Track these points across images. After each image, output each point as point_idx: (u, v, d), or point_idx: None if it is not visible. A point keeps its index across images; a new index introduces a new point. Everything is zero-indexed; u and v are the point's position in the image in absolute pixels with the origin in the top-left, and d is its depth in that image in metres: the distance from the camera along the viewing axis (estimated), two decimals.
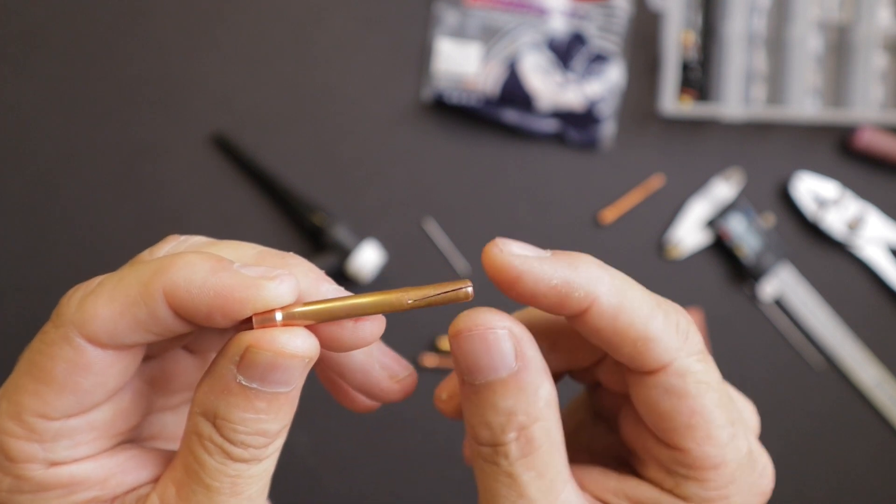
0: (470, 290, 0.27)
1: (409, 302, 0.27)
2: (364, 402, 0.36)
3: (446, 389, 0.34)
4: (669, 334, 0.28)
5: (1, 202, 0.80)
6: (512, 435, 0.28)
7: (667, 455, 0.30)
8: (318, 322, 0.27)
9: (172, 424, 0.35)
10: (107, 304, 0.26)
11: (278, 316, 0.26)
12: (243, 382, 0.27)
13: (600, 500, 0.31)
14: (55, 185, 0.80)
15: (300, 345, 0.27)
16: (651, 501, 0.30)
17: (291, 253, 0.29)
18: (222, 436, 0.27)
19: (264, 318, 0.26)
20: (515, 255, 0.28)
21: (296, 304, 0.27)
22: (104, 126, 0.81)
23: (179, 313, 0.26)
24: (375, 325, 0.28)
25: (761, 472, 0.31)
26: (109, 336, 0.26)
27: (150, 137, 0.81)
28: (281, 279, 0.26)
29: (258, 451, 0.28)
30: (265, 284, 0.26)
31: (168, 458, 0.30)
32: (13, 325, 0.79)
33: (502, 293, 0.28)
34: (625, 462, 0.33)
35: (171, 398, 0.34)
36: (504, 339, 0.28)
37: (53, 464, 0.28)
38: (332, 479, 0.79)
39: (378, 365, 0.33)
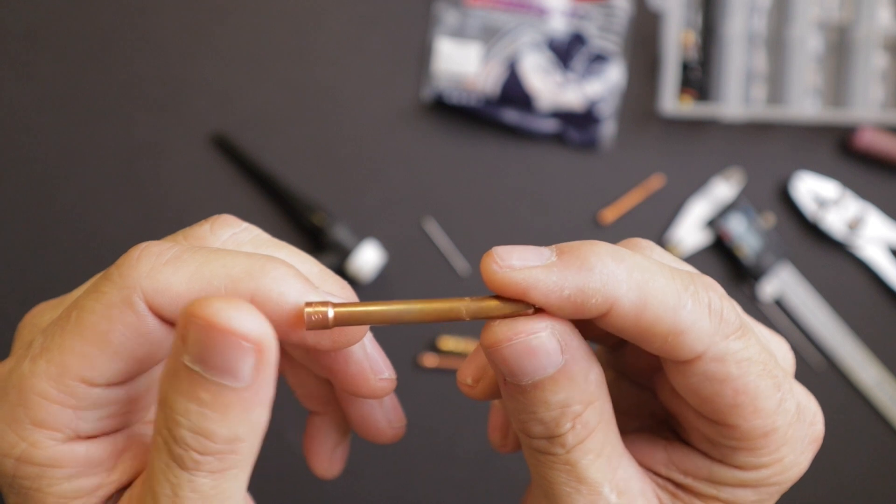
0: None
1: (466, 308, 0.26)
2: None
3: (470, 373, 0.31)
4: (702, 321, 0.26)
5: (1, 202, 0.80)
6: (568, 426, 0.27)
7: (712, 430, 0.28)
8: (365, 324, 0.26)
9: None
10: (185, 281, 0.25)
11: (330, 313, 0.25)
12: (187, 363, 0.23)
13: (651, 470, 0.30)
14: (55, 185, 0.80)
15: (243, 321, 0.22)
16: (703, 472, 0.29)
17: (347, 282, 0.29)
18: (167, 428, 0.24)
19: (315, 312, 0.25)
20: (517, 270, 0.25)
21: (348, 303, 0.26)
22: (104, 126, 0.81)
23: None
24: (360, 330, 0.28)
25: (811, 420, 0.29)
26: (176, 312, 0.25)
27: (150, 137, 0.81)
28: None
29: (201, 457, 0.23)
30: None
31: None
32: (13, 326, 0.78)
33: None
34: (663, 421, 0.32)
35: None
36: (549, 340, 0.26)
37: (72, 438, 0.26)
38: (332, 480, 0.79)
39: (381, 408, 0.34)
